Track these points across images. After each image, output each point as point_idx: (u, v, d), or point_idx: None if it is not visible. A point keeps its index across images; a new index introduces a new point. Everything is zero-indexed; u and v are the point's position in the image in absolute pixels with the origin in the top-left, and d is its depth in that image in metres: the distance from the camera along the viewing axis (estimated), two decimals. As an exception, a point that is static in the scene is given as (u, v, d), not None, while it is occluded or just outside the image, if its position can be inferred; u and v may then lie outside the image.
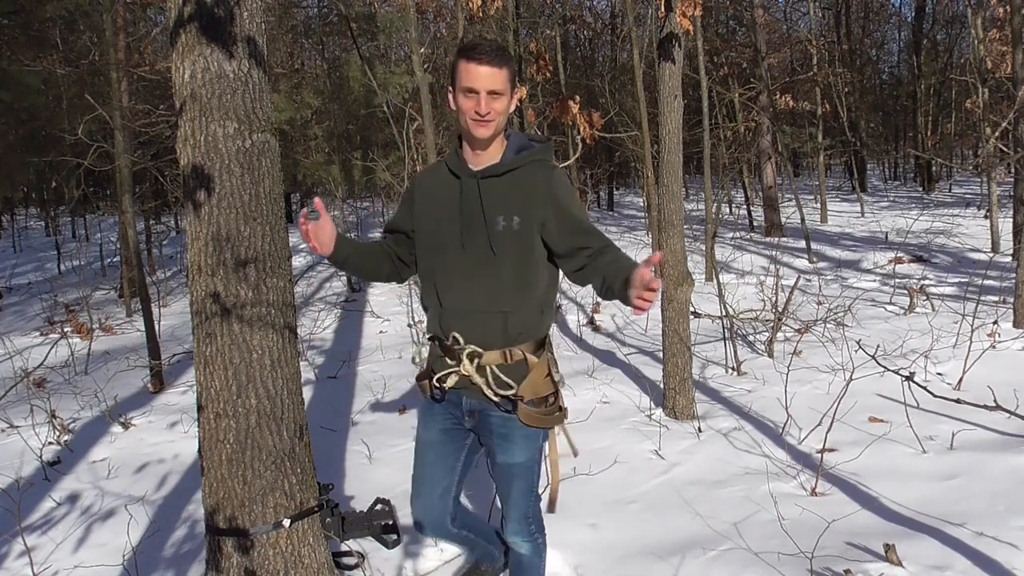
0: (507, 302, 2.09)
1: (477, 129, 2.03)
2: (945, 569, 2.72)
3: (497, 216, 2.07)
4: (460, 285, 2.11)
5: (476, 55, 1.98)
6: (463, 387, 2.17)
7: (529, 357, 2.14)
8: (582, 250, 2.10)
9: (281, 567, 2.51)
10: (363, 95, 11.93)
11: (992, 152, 10.45)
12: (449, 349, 2.14)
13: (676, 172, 4.44)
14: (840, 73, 16.66)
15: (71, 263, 13.09)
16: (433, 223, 2.16)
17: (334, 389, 5.57)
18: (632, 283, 1.83)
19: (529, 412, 2.14)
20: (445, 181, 2.17)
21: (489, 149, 2.11)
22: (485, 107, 2.00)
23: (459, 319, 2.12)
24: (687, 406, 4.48)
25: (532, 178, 2.10)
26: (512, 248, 2.07)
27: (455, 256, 2.11)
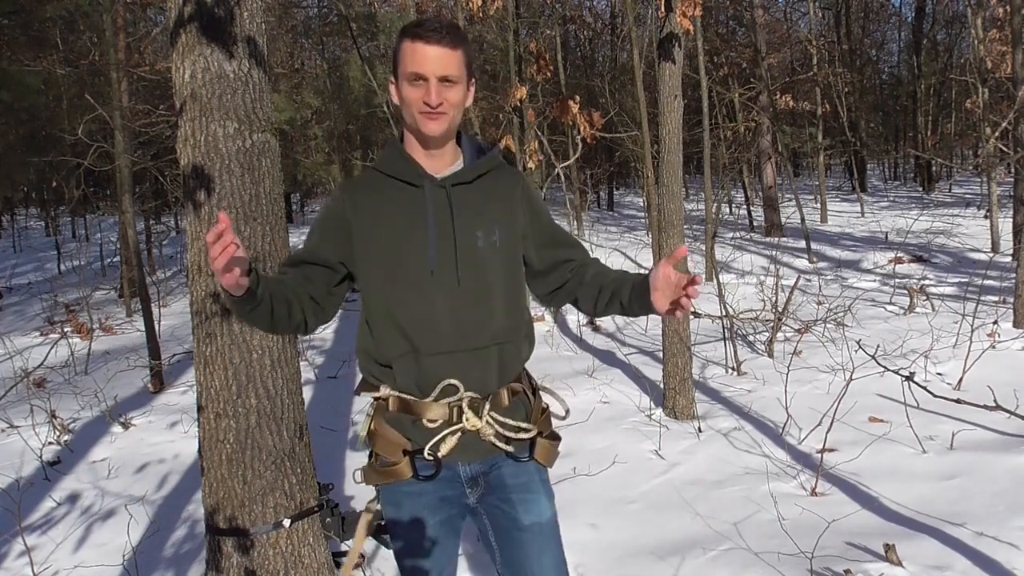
0: (501, 332, 1.69)
1: (427, 124, 1.61)
2: (945, 569, 2.71)
3: (476, 231, 1.67)
4: (441, 320, 1.65)
5: (423, 33, 1.58)
6: (462, 450, 1.69)
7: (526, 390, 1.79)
8: (565, 264, 1.81)
9: (281, 567, 2.51)
10: (363, 95, 11.94)
11: (992, 152, 10.45)
12: (429, 406, 1.66)
13: (676, 172, 4.44)
14: (840, 73, 16.66)
15: (71, 263, 13.09)
16: (390, 248, 1.66)
17: (334, 389, 5.57)
18: (653, 285, 1.59)
19: (546, 446, 1.79)
20: (396, 193, 1.68)
21: (444, 150, 1.70)
22: (436, 96, 1.59)
23: (447, 363, 1.65)
24: (687, 406, 4.48)
25: (506, 184, 1.75)
26: (498, 268, 1.69)
27: (427, 284, 1.64)
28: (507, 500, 1.75)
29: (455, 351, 1.66)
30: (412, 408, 1.69)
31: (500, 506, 1.75)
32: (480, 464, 1.73)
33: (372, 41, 13.80)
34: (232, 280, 1.43)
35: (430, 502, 1.71)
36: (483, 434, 1.68)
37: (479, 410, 1.68)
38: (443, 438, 1.67)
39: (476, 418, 1.67)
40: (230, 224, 1.37)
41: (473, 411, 1.67)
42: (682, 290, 1.53)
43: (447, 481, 1.71)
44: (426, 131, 1.63)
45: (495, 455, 1.73)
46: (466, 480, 1.73)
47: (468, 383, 1.67)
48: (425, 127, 1.63)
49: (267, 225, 2.51)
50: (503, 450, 1.72)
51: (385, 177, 1.71)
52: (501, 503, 1.75)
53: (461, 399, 1.67)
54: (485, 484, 1.75)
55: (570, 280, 1.81)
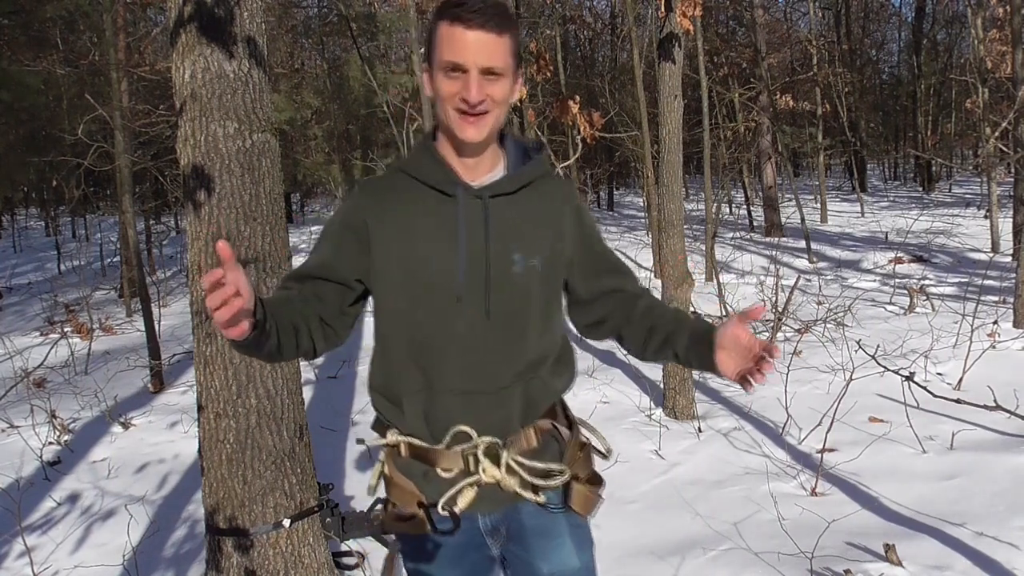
0: (528, 367, 1.46)
1: (465, 129, 1.35)
2: (945, 569, 2.71)
3: (514, 253, 1.41)
4: (462, 354, 1.42)
5: (464, 15, 1.30)
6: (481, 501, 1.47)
7: (559, 427, 1.53)
8: (611, 294, 1.55)
9: (281, 567, 2.51)
10: (363, 95, 11.94)
11: (992, 152, 10.45)
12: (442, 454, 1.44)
13: (676, 172, 4.45)
14: (840, 73, 16.66)
15: (71, 263, 13.09)
16: (412, 265, 1.41)
17: (334, 389, 5.57)
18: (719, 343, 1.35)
19: (584, 493, 1.52)
20: (425, 201, 1.42)
21: (484, 156, 1.43)
22: (477, 92, 1.32)
23: (463, 405, 1.43)
24: (687, 406, 4.49)
25: (554, 198, 1.49)
26: (536, 297, 1.44)
27: (451, 312, 1.40)
28: (525, 547, 1.52)
29: (473, 392, 1.42)
30: (424, 455, 1.45)
31: (519, 554, 1.53)
32: (499, 515, 1.51)
33: (372, 41, 13.80)
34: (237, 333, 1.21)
35: (452, 554, 1.50)
36: (504, 484, 1.44)
37: (497, 457, 1.44)
38: (459, 491, 1.44)
39: (494, 467, 1.43)
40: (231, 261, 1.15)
41: (490, 459, 1.43)
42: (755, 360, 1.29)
43: (470, 534, 1.49)
44: (464, 137, 1.36)
45: (517, 503, 1.49)
46: (487, 532, 1.51)
47: (484, 428, 1.43)
48: (463, 132, 1.36)
49: (267, 225, 2.51)
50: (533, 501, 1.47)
51: (412, 180, 1.44)
52: (519, 550, 1.53)
53: (476, 446, 1.43)
54: (508, 530, 1.52)
55: (615, 313, 1.54)
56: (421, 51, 7.49)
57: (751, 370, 1.30)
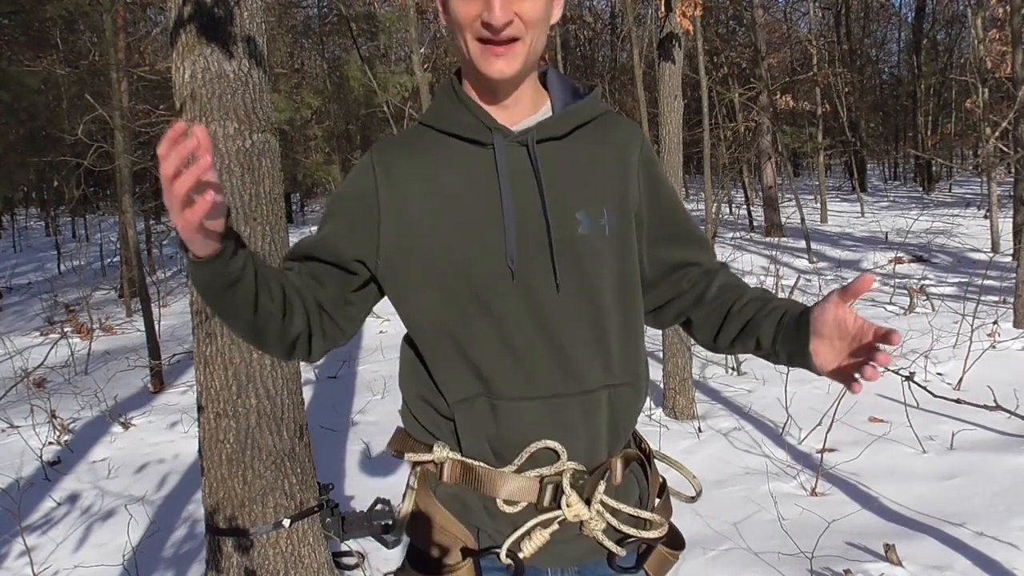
0: (613, 367, 1.12)
1: (492, 63, 1.04)
2: (945, 569, 2.71)
3: (576, 210, 1.09)
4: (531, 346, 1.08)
5: None
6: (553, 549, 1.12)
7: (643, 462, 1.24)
8: (682, 269, 1.21)
9: (281, 567, 2.51)
10: (363, 95, 11.93)
11: (992, 152, 10.45)
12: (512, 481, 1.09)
13: (676, 172, 4.45)
14: (840, 73, 16.66)
15: (71, 263, 13.09)
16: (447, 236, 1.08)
17: (334, 389, 5.57)
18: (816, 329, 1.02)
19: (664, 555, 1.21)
20: (452, 157, 1.11)
21: (521, 96, 1.12)
22: (502, 11, 1.00)
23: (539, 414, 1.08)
24: (687, 406, 4.48)
25: (617, 142, 1.16)
26: (611, 265, 1.12)
27: (505, 292, 1.07)
28: None
29: (552, 396, 1.08)
30: (482, 481, 1.09)
31: None
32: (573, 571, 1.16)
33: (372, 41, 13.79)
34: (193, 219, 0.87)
35: None
36: (588, 528, 1.11)
37: (585, 490, 1.10)
38: (529, 531, 1.09)
39: (581, 503, 1.09)
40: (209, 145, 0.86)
41: (577, 492, 1.09)
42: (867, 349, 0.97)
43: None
44: (490, 73, 1.04)
45: (596, 559, 1.15)
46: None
47: (573, 448, 1.09)
48: (488, 67, 1.04)
49: (267, 225, 2.51)
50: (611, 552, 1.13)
51: (437, 134, 1.12)
52: None
53: (561, 472, 1.08)
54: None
55: (685, 294, 1.21)
56: (421, 51, 7.49)
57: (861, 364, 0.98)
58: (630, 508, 1.14)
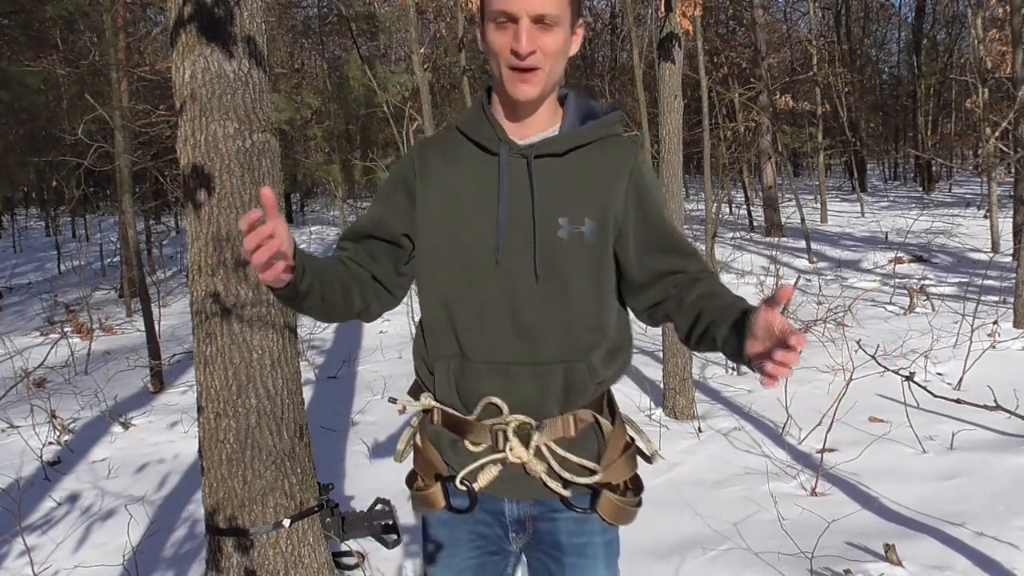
0: (572, 347, 1.35)
1: (517, 86, 1.27)
2: (945, 569, 2.72)
3: (559, 216, 1.32)
4: (499, 323, 1.34)
5: None
6: (506, 484, 1.38)
7: (602, 421, 1.40)
8: (669, 277, 1.37)
9: (281, 567, 2.51)
10: (363, 95, 11.94)
11: (992, 152, 10.45)
12: (473, 425, 1.37)
13: (676, 172, 4.45)
14: (840, 73, 16.66)
15: (71, 263, 13.09)
16: (454, 224, 1.35)
17: (334, 389, 5.57)
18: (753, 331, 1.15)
19: (615, 504, 1.38)
20: (470, 160, 1.37)
21: (538, 115, 1.35)
22: (527, 43, 1.23)
23: (496, 376, 1.35)
24: (687, 406, 4.49)
25: (613, 161, 1.36)
26: (583, 266, 1.34)
27: (489, 277, 1.33)
28: (556, 560, 1.42)
29: (509, 363, 1.34)
30: (456, 425, 1.39)
31: (547, 563, 1.44)
32: (532, 506, 1.40)
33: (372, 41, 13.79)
34: (271, 277, 1.14)
35: (463, 537, 1.43)
36: (530, 468, 1.36)
37: (528, 437, 1.35)
38: (482, 467, 1.36)
39: (522, 447, 1.35)
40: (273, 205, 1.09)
41: (520, 438, 1.35)
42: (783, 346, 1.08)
43: (489, 516, 1.42)
44: (514, 94, 1.29)
45: (551, 498, 1.38)
46: (511, 522, 1.42)
47: (516, 404, 1.35)
48: (513, 89, 1.28)
49: (267, 225, 2.51)
50: (557, 494, 1.37)
51: (462, 137, 1.39)
52: (549, 560, 1.44)
53: (506, 423, 1.35)
54: (534, 532, 1.43)
55: (671, 298, 1.37)
56: (421, 51, 7.49)
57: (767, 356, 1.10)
58: (575, 457, 1.37)
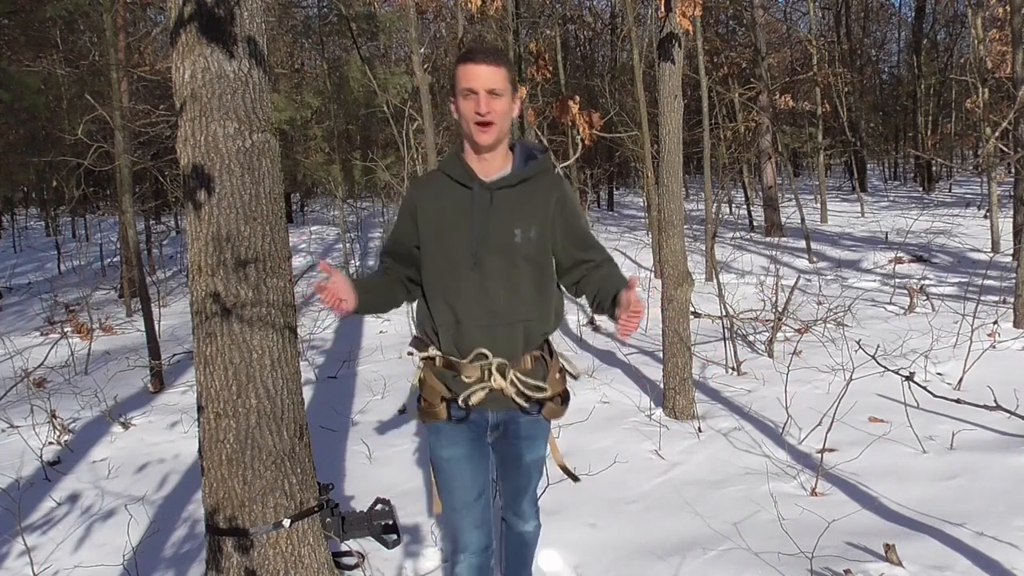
0: (528, 312, 2.07)
1: (479, 135, 1.98)
2: (945, 569, 2.72)
3: (515, 228, 2.02)
4: (479, 299, 2.03)
5: (473, 57, 1.97)
6: (489, 402, 2.10)
7: (546, 357, 2.15)
8: (584, 263, 2.12)
9: (281, 567, 2.51)
10: (363, 95, 11.93)
11: (992, 152, 10.45)
12: (466, 366, 2.07)
13: (676, 172, 4.44)
14: (840, 73, 16.66)
15: (71, 263, 13.09)
16: (442, 236, 2.06)
17: (334, 389, 5.57)
18: (619, 302, 1.89)
19: (554, 408, 2.17)
20: (451, 191, 2.07)
21: (495, 155, 2.06)
22: (485, 106, 1.94)
23: (481, 333, 2.05)
24: (687, 406, 4.49)
25: (545, 188, 2.08)
26: (531, 259, 2.05)
27: (469, 269, 2.03)
28: (516, 442, 2.19)
29: (489, 325, 2.05)
30: (454, 366, 2.09)
31: (511, 445, 2.20)
32: (503, 414, 2.15)
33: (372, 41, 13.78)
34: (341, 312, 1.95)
35: (464, 435, 2.15)
36: (506, 392, 2.08)
37: (504, 373, 2.07)
38: (474, 391, 2.07)
39: (501, 379, 2.07)
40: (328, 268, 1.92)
41: (500, 374, 2.07)
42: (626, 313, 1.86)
43: (475, 424, 2.15)
44: (479, 141, 2.00)
45: (516, 409, 2.14)
46: (491, 425, 2.17)
47: (497, 351, 2.06)
48: (478, 137, 1.99)
49: (267, 225, 2.50)
50: (520, 406, 2.11)
51: (445, 177, 2.10)
52: (512, 444, 2.20)
53: (491, 363, 2.06)
54: (505, 429, 2.18)
55: (584, 278, 2.12)
56: (421, 51, 7.48)
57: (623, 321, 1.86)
58: (532, 380, 2.10)
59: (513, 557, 2.42)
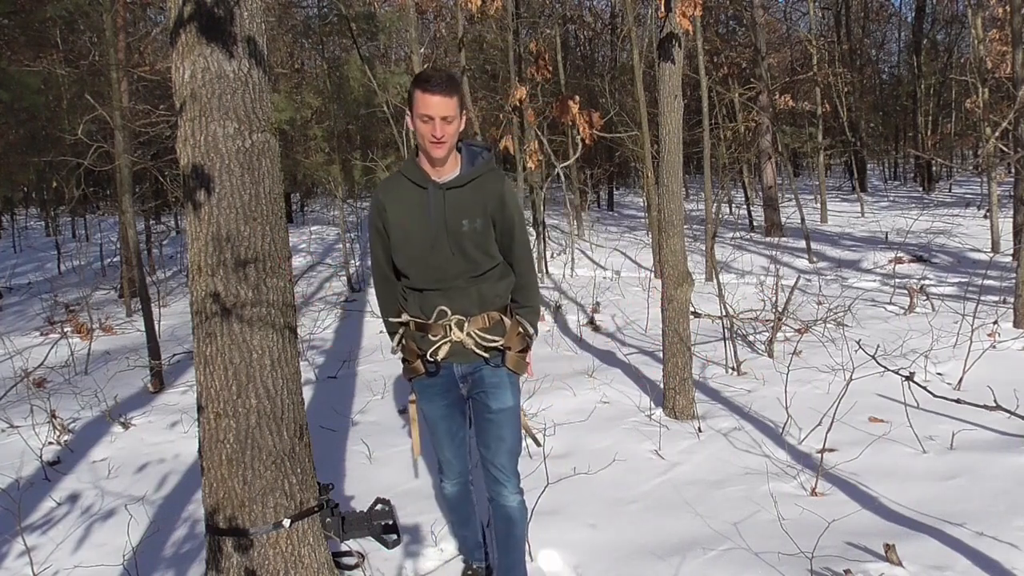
0: (478, 276, 2.46)
1: (434, 150, 2.35)
2: (945, 569, 2.72)
3: (463, 219, 2.41)
4: (436, 271, 2.44)
5: (430, 87, 2.28)
6: (454, 355, 2.49)
7: (504, 319, 2.52)
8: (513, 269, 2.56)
9: (281, 567, 2.51)
10: (363, 95, 11.92)
11: (992, 152, 10.45)
12: (432, 326, 2.47)
13: (676, 172, 4.44)
14: (840, 73, 16.66)
15: (71, 263, 13.09)
16: (406, 226, 2.45)
17: (334, 389, 5.57)
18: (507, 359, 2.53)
19: (515, 358, 2.52)
20: (410, 191, 2.45)
21: (447, 164, 2.43)
22: (440, 131, 2.30)
23: (439, 297, 2.45)
24: (687, 406, 4.48)
25: (490, 186, 2.46)
26: (476, 241, 2.44)
27: (427, 251, 2.43)
28: (483, 392, 2.54)
29: (447, 288, 2.45)
30: (422, 327, 2.51)
31: (478, 396, 2.55)
32: (467, 366, 2.52)
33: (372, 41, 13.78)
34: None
35: (439, 389, 2.59)
36: (465, 344, 2.47)
37: (462, 327, 2.47)
38: (439, 346, 2.48)
39: (460, 332, 2.47)
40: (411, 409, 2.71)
41: (458, 328, 2.47)
42: None
43: (446, 378, 2.56)
44: (433, 155, 2.38)
45: (478, 361, 2.51)
46: (459, 377, 2.55)
47: (454, 310, 2.46)
48: (433, 152, 2.37)
49: (267, 225, 2.50)
50: (481, 356, 2.49)
51: (403, 179, 2.49)
52: (479, 394, 2.55)
53: (450, 320, 2.46)
54: (472, 381, 2.55)
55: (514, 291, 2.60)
56: (421, 51, 7.48)
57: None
58: (491, 336, 2.50)
59: (503, 539, 2.63)
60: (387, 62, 14.78)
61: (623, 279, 9.64)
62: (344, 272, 10.22)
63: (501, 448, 2.54)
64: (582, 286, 9.12)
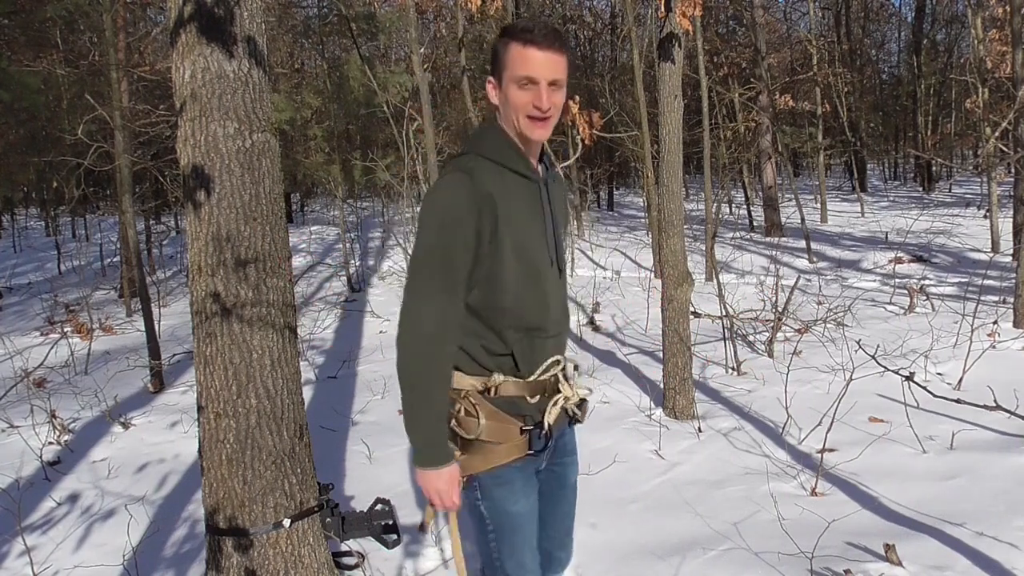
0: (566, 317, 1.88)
1: (535, 129, 1.64)
2: (945, 569, 2.71)
3: (561, 226, 1.82)
4: (553, 306, 1.77)
5: (534, 39, 1.59)
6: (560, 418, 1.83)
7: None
8: None
9: (281, 567, 2.51)
10: (363, 95, 11.92)
11: (992, 152, 10.45)
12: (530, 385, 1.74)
13: (676, 172, 4.44)
14: (840, 73, 16.66)
15: (71, 263, 13.08)
16: (521, 237, 1.69)
17: (334, 389, 5.57)
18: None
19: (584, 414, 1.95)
20: (517, 186, 1.71)
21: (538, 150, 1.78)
22: (547, 100, 1.61)
23: (553, 344, 1.79)
24: (687, 406, 4.49)
25: (562, 185, 1.90)
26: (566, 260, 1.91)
27: (547, 274, 1.75)
28: (562, 462, 1.91)
29: (558, 333, 1.80)
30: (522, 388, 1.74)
31: (556, 468, 1.90)
32: (558, 430, 1.83)
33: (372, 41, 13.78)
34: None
35: (531, 482, 1.81)
36: (569, 402, 1.82)
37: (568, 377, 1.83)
38: (550, 409, 1.76)
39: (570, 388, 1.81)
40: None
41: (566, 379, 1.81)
42: None
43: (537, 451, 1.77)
44: (534, 136, 1.67)
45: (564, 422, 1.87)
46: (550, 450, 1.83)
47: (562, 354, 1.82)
48: (533, 132, 1.66)
49: (267, 225, 2.51)
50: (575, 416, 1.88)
51: (502, 167, 1.70)
52: (557, 465, 1.90)
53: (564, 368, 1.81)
54: (557, 447, 1.88)
55: None
56: (421, 51, 7.48)
57: None
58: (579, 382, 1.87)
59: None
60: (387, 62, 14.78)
61: (623, 279, 9.65)
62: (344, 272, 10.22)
63: (571, 526, 1.98)
64: (582, 286, 9.12)
